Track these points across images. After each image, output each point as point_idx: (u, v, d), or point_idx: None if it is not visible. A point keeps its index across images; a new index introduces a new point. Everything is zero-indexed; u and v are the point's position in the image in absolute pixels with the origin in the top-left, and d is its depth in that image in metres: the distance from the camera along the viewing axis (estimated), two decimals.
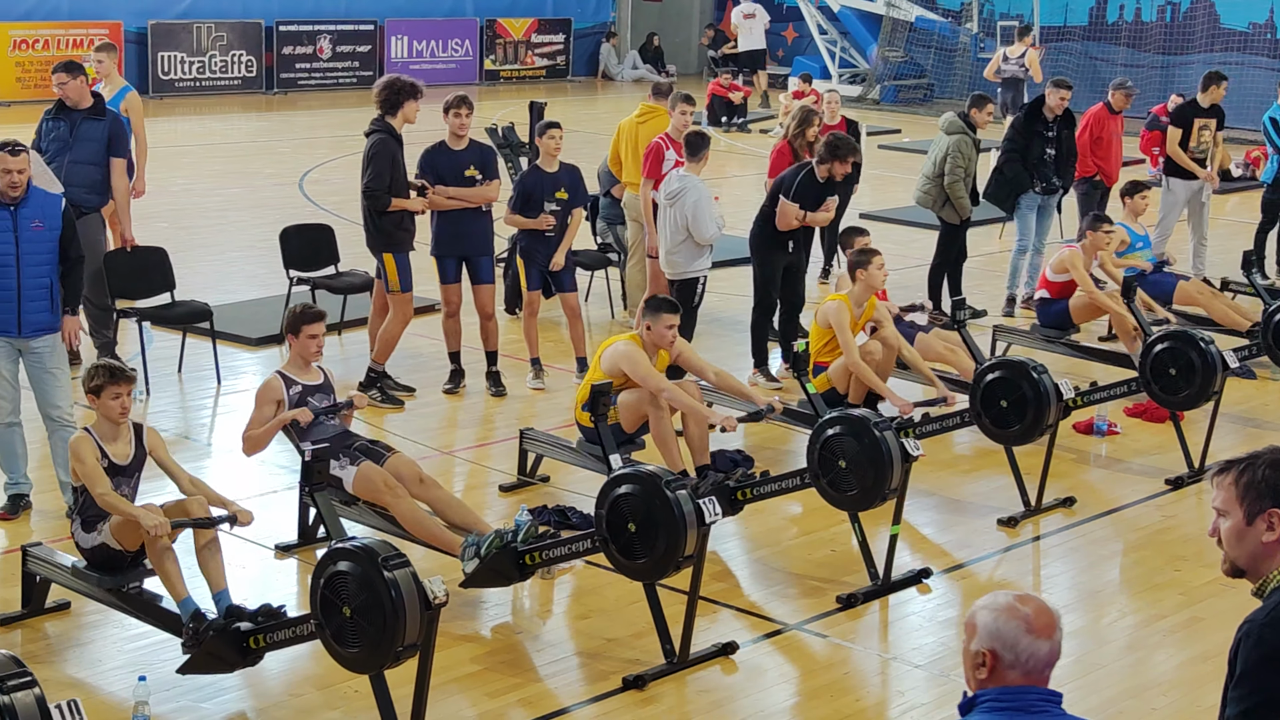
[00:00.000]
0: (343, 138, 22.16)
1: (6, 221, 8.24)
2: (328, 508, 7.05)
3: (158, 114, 25.10)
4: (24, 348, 8.39)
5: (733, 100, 26.22)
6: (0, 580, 7.69)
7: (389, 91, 10.48)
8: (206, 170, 20.01)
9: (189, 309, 11.23)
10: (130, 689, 6.49)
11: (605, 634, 7.43)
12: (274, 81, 28.02)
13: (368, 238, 10.68)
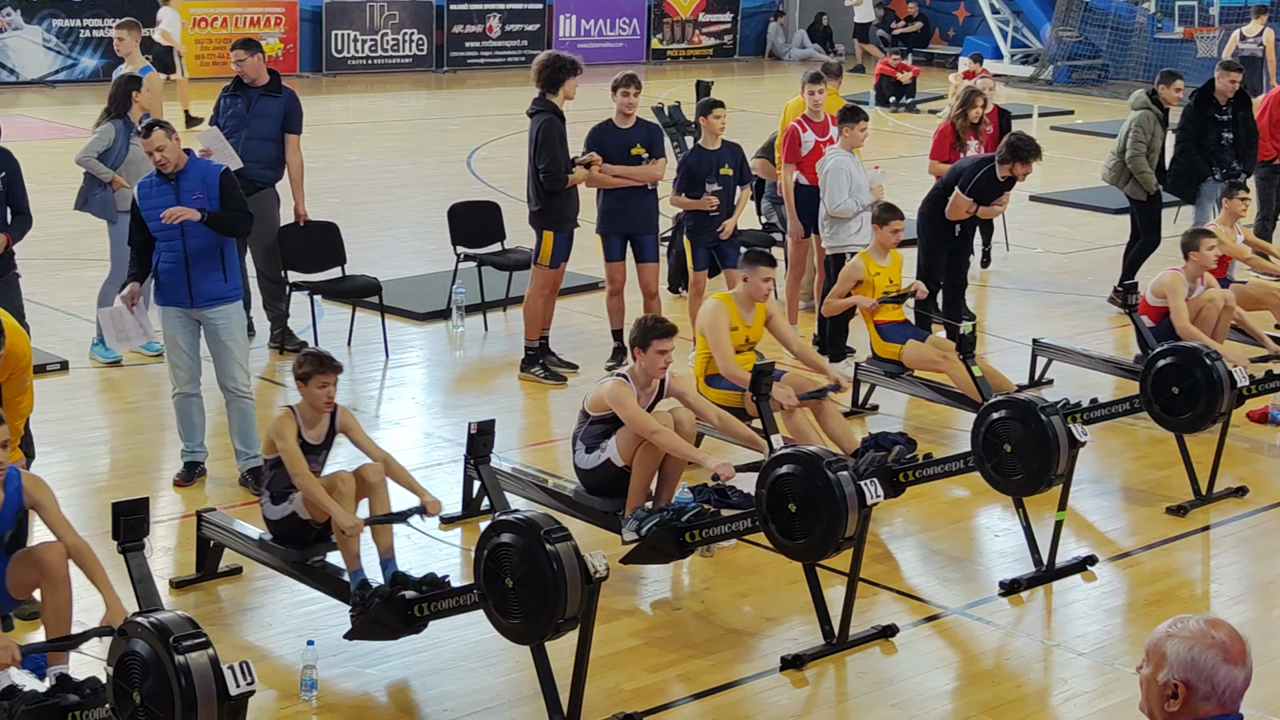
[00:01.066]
0: (511, 116, 22.34)
1: (169, 194, 8.45)
2: (492, 480, 7.13)
3: (330, 91, 25.58)
4: (201, 319, 8.59)
5: (900, 80, 25.97)
6: (176, 544, 7.91)
7: (549, 69, 10.56)
8: (377, 147, 20.32)
9: (359, 283, 11.42)
10: (299, 653, 6.64)
11: (764, 613, 7.43)
12: (444, 60, 28.34)
13: (531, 215, 10.78)
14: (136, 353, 10.93)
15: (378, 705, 6.54)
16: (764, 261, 8.85)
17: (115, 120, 10.60)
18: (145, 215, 8.45)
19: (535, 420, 10.26)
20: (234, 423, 8.69)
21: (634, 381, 7.79)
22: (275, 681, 6.49)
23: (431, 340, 11.90)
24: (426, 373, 11.14)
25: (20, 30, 24.04)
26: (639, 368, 7.82)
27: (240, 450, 8.69)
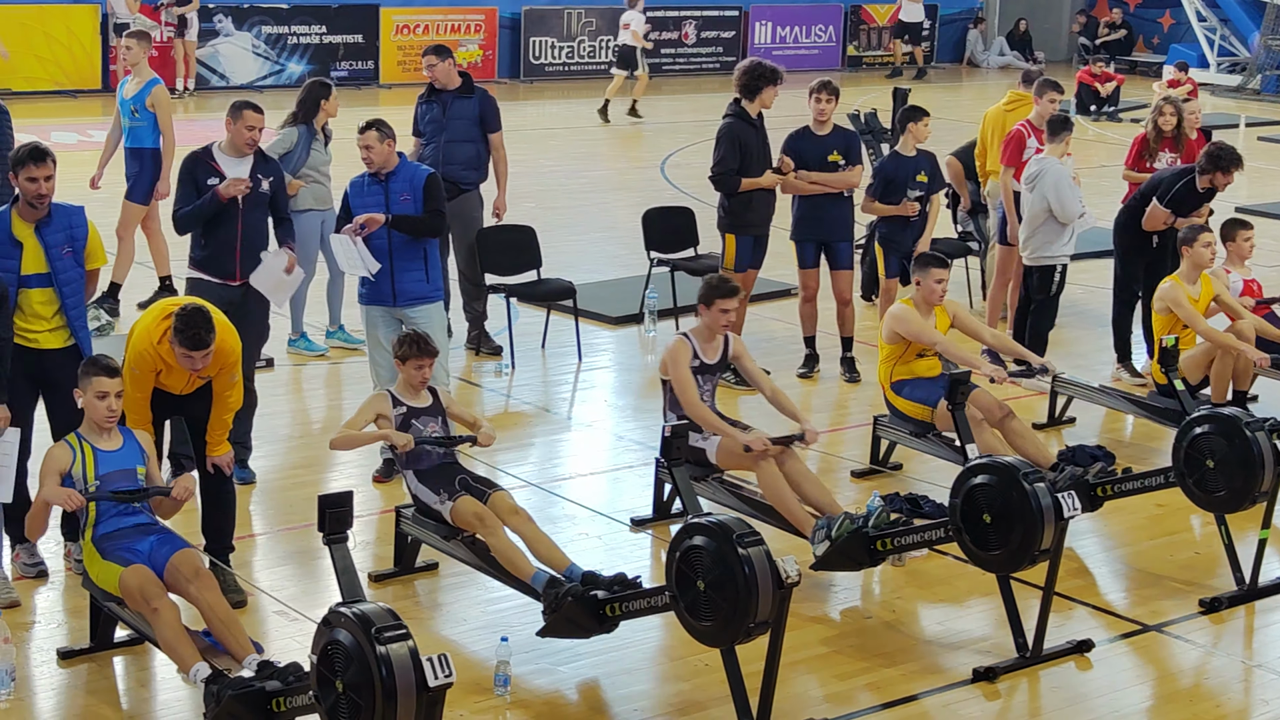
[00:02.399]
0: (705, 122, 22.35)
1: (379, 194, 8.66)
2: (685, 483, 7.17)
3: (528, 98, 25.90)
4: (402, 317, 8.77)
5: (1100, 90, 25.52)
6: (375, 539, 8.08)
7: (749, 76, 10.59)
8: (573, 152, 20.54)
9: (554, 286, 11.55)
10: (492, 648, 6.75)
11: (955, 624, 7.37)
12: (640, 65, 28.48)
13: (717, 219, 10.84)
14: (339, 347, 11.22)
15: (568, 703, 6.62)
16: (935, 264, 8.82)
17: (300, 125, 10.85)
18: (352, 211, 8.67)
19: None
20: None
21: (696, 338, 8.04)
22: (468, 676, 6.60)
23: (624, 344, 11.99)
24: (618, 376, 11.23)
25: (231, 36, 24.74)
26: (703, 324, 8.09)
27: None
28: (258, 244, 8.63)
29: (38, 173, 7.22)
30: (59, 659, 6.73)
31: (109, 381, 6.59)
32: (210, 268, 8.56)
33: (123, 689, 6.62)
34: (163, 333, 6.93)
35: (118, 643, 6.81)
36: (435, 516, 7.37)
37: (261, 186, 8.59)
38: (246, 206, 8.52)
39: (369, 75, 25.64)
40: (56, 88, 22.91)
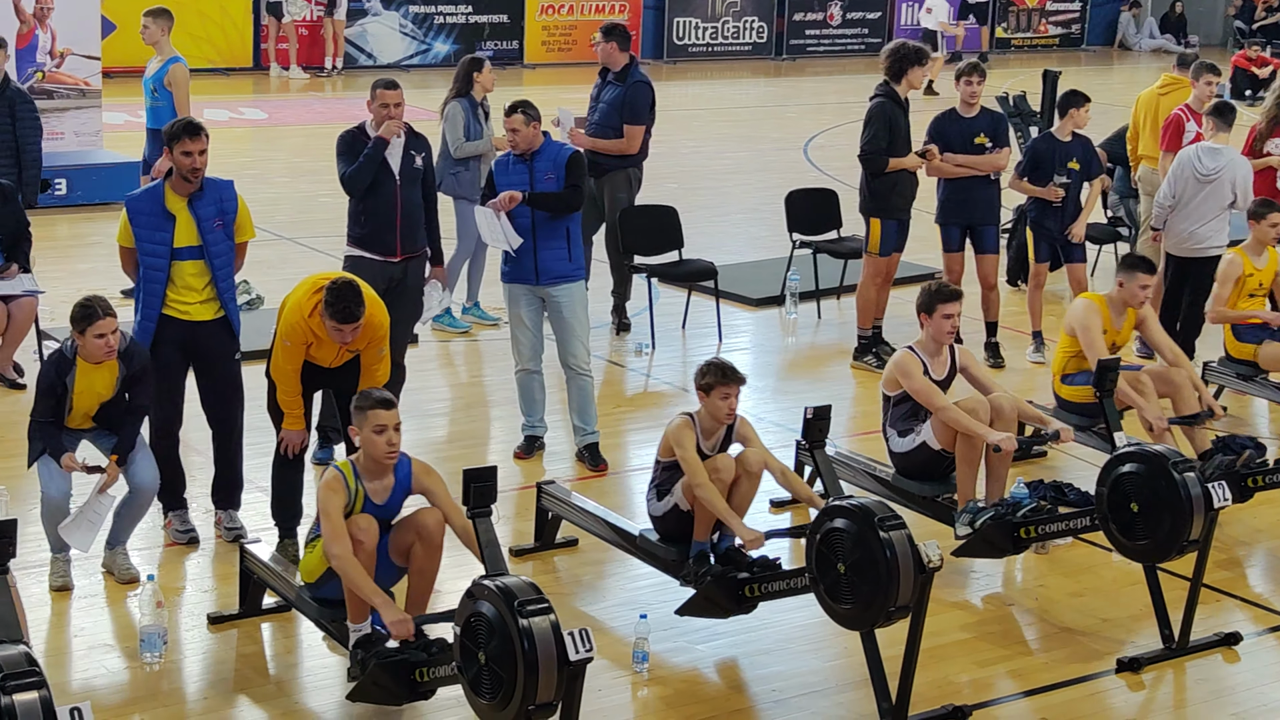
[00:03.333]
0: (850, 104, 22.24)
1: (523, 173, 8.71)
2: (827, 465, 7.14)
3: (671, 78, 25.90)
4: (545, 296, 8.82)
5: (1257, 74, 24.95)
6: (516, 514, 8.15)
7: (895, 57, 10.51)
8: (715, 133, 20.52)
9: (695, 267, 11.56)
10: (631, 625, 6.78)
11: (1099, 613, 7.27)
12: (784, 47, 28.42)
13: (860, 201, 10.77)
14: (479, 324, 11.33)
15: (707, 681, 6.64)
16: (1143, 268, 8.60)
17: (460, 99, 10.96)
18: (498, 190, 8.75)
19: (865, 409, 10.20)
20: (573, 399, 8.90)
21: (923, 352, 7.78)
22: (608, 652, 6.63)
23: (764, 326, 11.97)
24: (757, 358, 11.21)
25: (378, 16, 25.04)
26: (926, 336, 7.82)
27: (579, 426, 8.91)
28: (416, 219, 8.72)
29: (192, 146, 7.36)
30: (209, 624, 6.88)
31: (385, 414, 6.23)
32: (370, 245, 8.66)
33: (270, 655, 6.75)
34: (314, 306, 7.04)
35: (265, 609, 6.95)
36: None
37: (415, 162, 8.68)
38: (404, 183, 8.62)
39: (514, 55, 25.81)
40: (209, 65, 23.33)
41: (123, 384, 7.15)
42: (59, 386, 7.04)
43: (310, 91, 22.98)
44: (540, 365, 8.94)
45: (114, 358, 7.04)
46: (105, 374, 7.10)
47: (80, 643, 6.71)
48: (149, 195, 7.49)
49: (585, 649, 5.36)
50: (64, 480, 7.03)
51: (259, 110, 21.00)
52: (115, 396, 7.18)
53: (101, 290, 11.37)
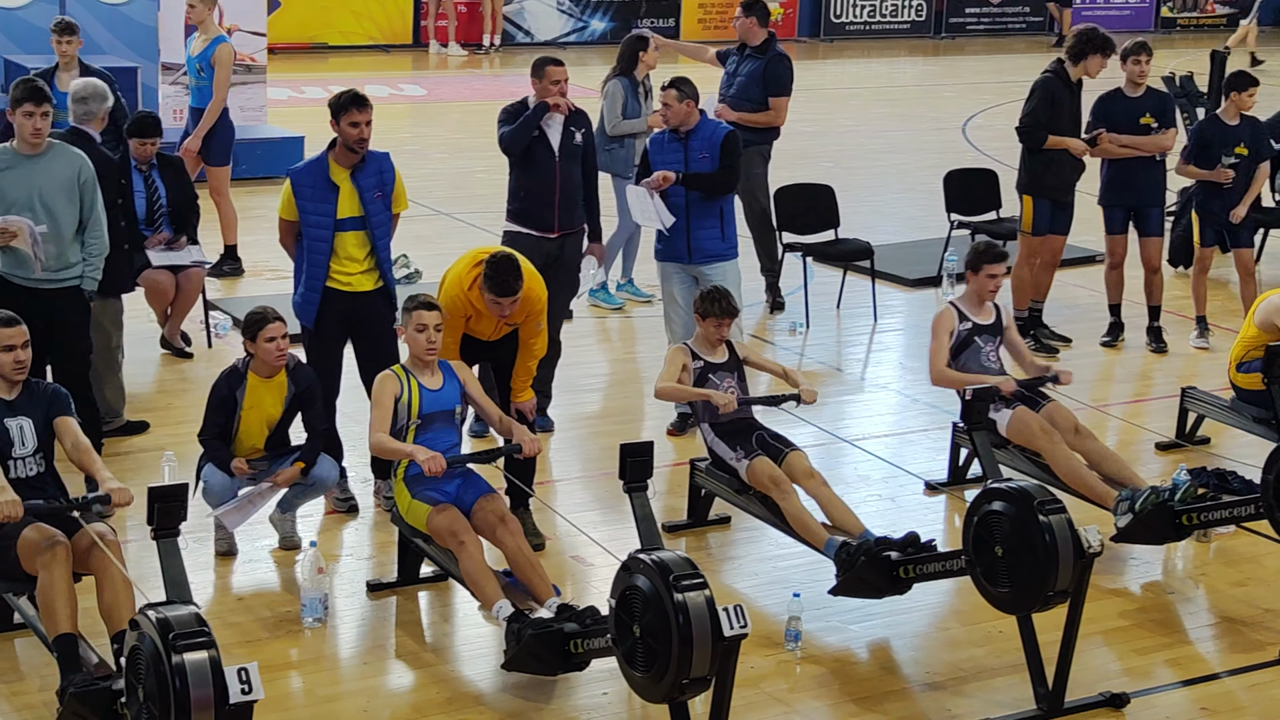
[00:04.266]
0: (1009, 84, 21.94)
1: (678, 151, 8.72)
2: (985, 448, 7.07)
3: (828, 56, 25.74)
4: (698, 274, 8.83)
5: None
6: (668, 490, 8.17)
7: (1081, 39, 10.37)
8: (871, 113, 20.35)
9: (851, 247, 11.49)
10: (783, 604, 6.78)
11: (1262, 603, 7.12)
12: (943, 26, 28.08)
13: (1017, 178, 10.64)
14: (633, 300, 11.37)
15: (858, 661, 6.62)
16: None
17: (620, 78, 10.97)
18: (652, 168, 8.76)
19: None
20: None
21: (964, 304, 7.99)
22: (760, 629, 6.63)
23: (920, 306, 11.86)
24: (913, 338, 11.11)
25: None
26: (970, 290, 8.02)
27: None
28: (575, 196, 8.77)
29: (359, 117, 7.46)
30: (368, 591, 7.00)
31: (428, 314, 6.77)
32: (528, 220, 8.72)
33: (427, 623, 6.85)
34: (473, 279, 7.12)
35: (423, 578, 7.05)
36: (730, 472, 7.41)
37: (575, 139, 8.72)
38: (563, 159, 8.66)
39: (670, 32, 25.75)
40: (370, 42, 23.64)
41: (291, 403, 7.29)
42: (230, 401, 7.18)
43: (468, 69, 23.17)
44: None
45: (284, 362, 7.17)
46: (274, 391, 7.24)
47: (243, 606, 6.86)
48: (313, 167, 7.61)
49: (740, 625, 5.37)
50: (229, 478, 7.18)
51: (418, 87, 21.23)
52: (283, 419, 7.32)
53: (263, 261, 11.68)
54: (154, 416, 8.86)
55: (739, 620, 5.36)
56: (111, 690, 5.37)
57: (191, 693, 4.79)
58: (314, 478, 7.29)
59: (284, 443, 7.37)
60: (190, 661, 4.83)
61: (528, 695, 6.18)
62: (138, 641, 5.01)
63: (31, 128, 7.40)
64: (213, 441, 7.18)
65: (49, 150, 7.53)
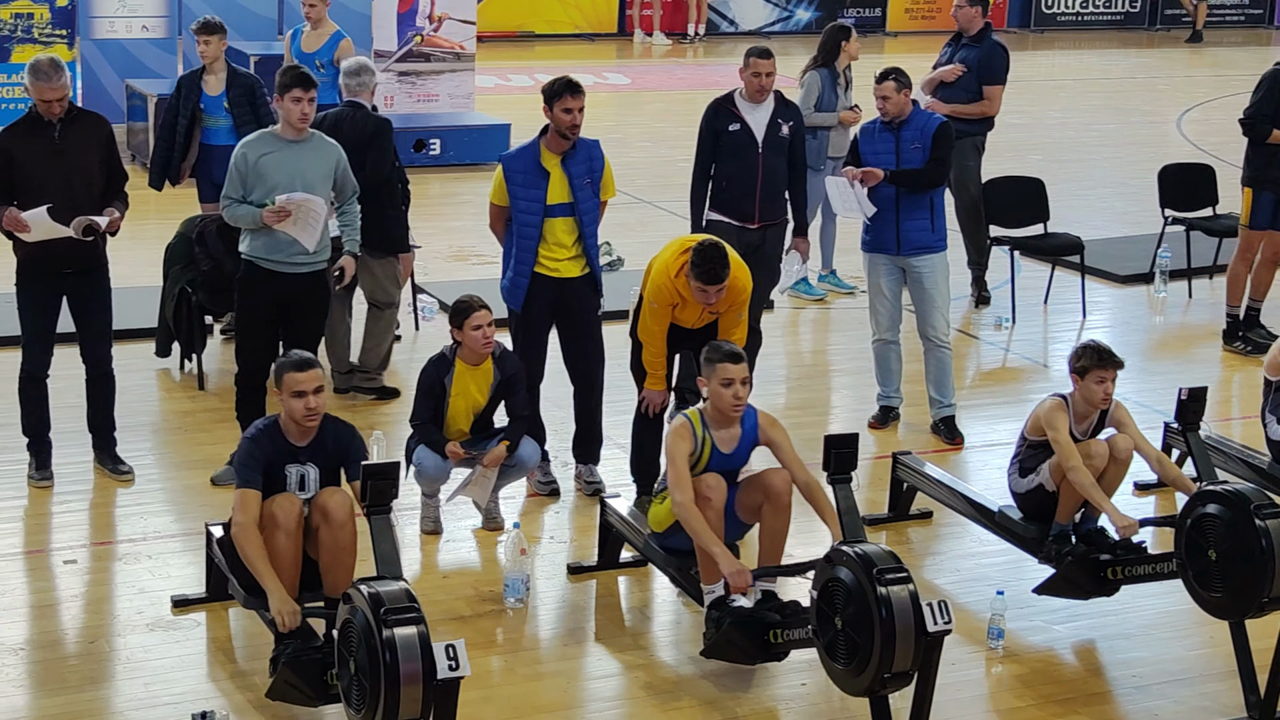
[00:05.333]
0: (1226, 77, 21.42)
1: (889, 141, 8.63)
2: (1200, 449, 6.90)
3: (1037, 48, 25.32)
4: (906, 266, 8.74)
5: None
6: (869, 484, 8.12)
7: None
8: (1082, 105, 19.96)
9: (1061, 241, 11.28)
10: (985, 601, 6.70)
11: None
12: (1157, 18, 27.45)
13: (1242, 172, 10.35)
14: (835, 291, 11.30)
15: (1064, 662, 6.51)
16: None
17: (820, 69, 10.90)
18: (861, 159, 8.70)
19: (1234, 394, 9.84)
20: (931, 371, 8.81)
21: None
22: (962, 626, 6.51)
23: (1130, 303, 11.62)
24: (1122, 336, 10.87)
25: None
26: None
27: (935, 399, 8.81)
28: (777, 188, 8.75)
29: (572, 104, 7.53)
30: (568, 573, 7.07)
31: (734, 369, 6.24)
32: (729, 210, 8.72)
33: (626, 608, 6.90)
34: (680, 267, 7.14)
35: (623, 563, 7.10)
36: None
37: (781, 131, 8.70)
38: (767, 151, 8.65)
39: (876, 23, 25.58)
40: (575, 31, 23.85)
41: (496, 390, 7.38)
42: (438, 387, 7.30)
43: (672, 58, 23.25)
44: (898, 335, 8.88)
45: (491, 350, 7.27)
46: (481, 378, 7.34)
47: (447, 584, 6.97)
48: (525, 153, 7.69)
49: (944, 620, 5.32)
50: (442, 460, 7.30)
51: (622, 75, 21.36)
52: (489, 405, 7.41)
53: (470, 246, 11.85)
54: (362, 395, 9.07)
55: (943, 616, 5.31)
56: (323, 661, 5.50)
57: (401, 667, 4.90)
58: (518, 459, 7.39)
59: (488, 428, 7.48)
60: (400, 636, 4.93)
61: (725, 684, 6.19)
62: (350, 615, 5.14)
63: (299, 113, 7.59)
64: (425, 425, 7.31)
65: (310, 138, 7.72)
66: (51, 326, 7.76)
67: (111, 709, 5.91)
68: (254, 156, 7.61)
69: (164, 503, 7.65)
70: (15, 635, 6.35)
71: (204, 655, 6.32)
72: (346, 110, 8.90)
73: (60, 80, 7.36)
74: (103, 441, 7.89)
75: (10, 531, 7.37)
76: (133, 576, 6.95)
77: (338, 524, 5.96)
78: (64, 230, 7.33)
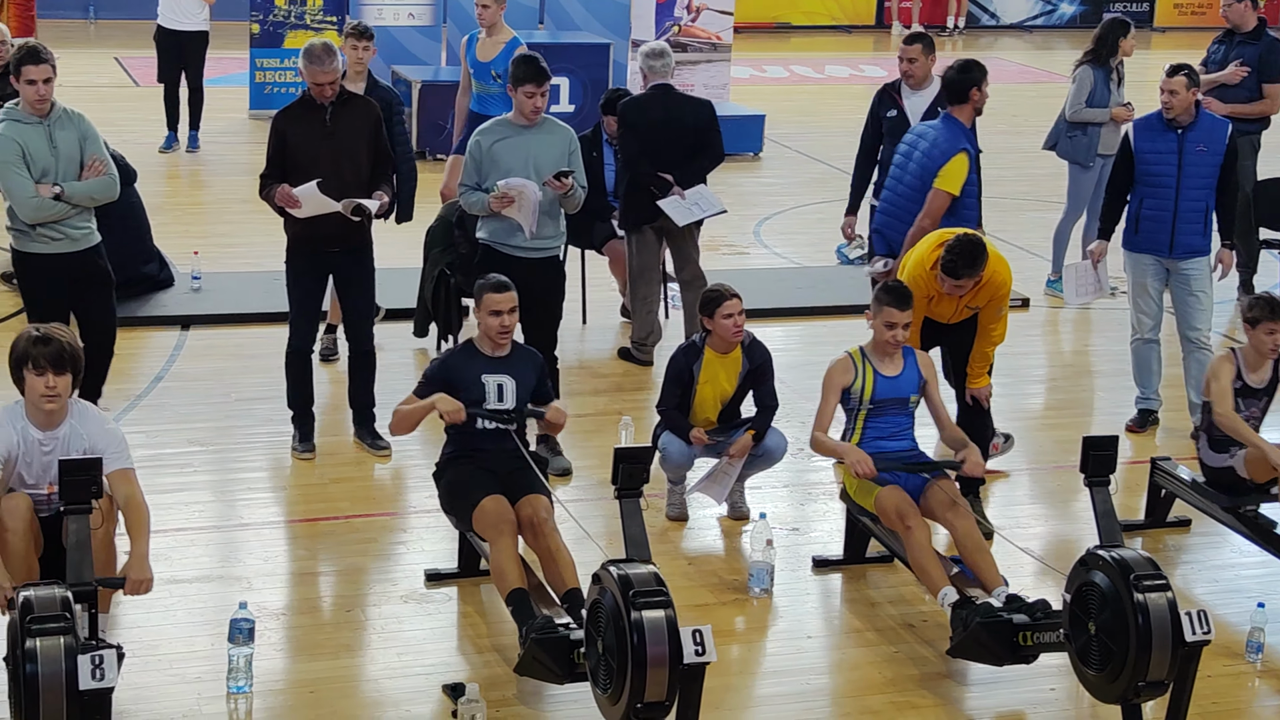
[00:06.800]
0: None
1: (1172, 143, 8.39)
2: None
3: None
4: (1172, 268, 8.52)
5: None
6: (1125, 489, 7.90)
7: None
8: None
9: None
10: (1244, 614, 6.49)
11: None
12: None
13: None
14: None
15: None
16: None
17: (1093, 64, 10.64)
18: (1136, 156, 8.46)
19: None
20: (1191, 374, 8.56)
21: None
22: (1218, 638, 6.26)
23: None
24: None
25: None
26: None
27: (1195, 403, 8.55)
28: None
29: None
30: (813, 566, 7.05)
31: (898, 314, 6.70)
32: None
33: (870, 603, 6.85)
34: (935, 260, 7.06)
35: (868, 558, 7.05)
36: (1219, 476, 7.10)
37: None
38: None
39: (1144, 18, 24.90)
40: (832, 23, 23.72)
41: (745, 379, 7.40)
42: (686, 374, 7.34)
43: None
44: (1159, 336, 8.66)
45: (740, 338, 7.29)
46: (729, 367, 7.36)
47: (692, 570, 7.01)
48: None
49: (1202, 631, 5.18)
50: (687, 447, 7.35)
51: (878, 68, 21.15)
52: (737, 393, 7.42)
53: (720, 236, 11.87)
54: (609, 381, 9.17)
55: (1203, 626, 5.17)
56: (570, 639, 5.58)
57: (648, 649, 4.94)
58: (764, 449, 7.39)
59: (735, 416, 7.49)
60: (649, 619, 4.98)
61: (970, 683, 6.11)
62: (599, 595, 5.20)
63: (532, 106, 7.71)
64: (671, 412, 7.36)
65: (542, 124, 7.84)
66: (318, 304, 8.03)
67: (365, 676, 6.09)
68: (488, 143, 7.75)
69: (418, 479, 7.84)
70: (276, 601, 6.57)
71: (454, 629, 6.47)
72: (658, 92, 9.23)
73: (332, 64, 7.60)
74: (362, 417, 8.12)
75: (273, 501, 7.64)
76: (387, 549, 7.15)
77: (545, 533, 6.23)
78: (333, 205, 7.57)
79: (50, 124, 7.37)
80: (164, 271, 10.23)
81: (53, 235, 7.41)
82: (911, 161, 8.06)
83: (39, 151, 7.34)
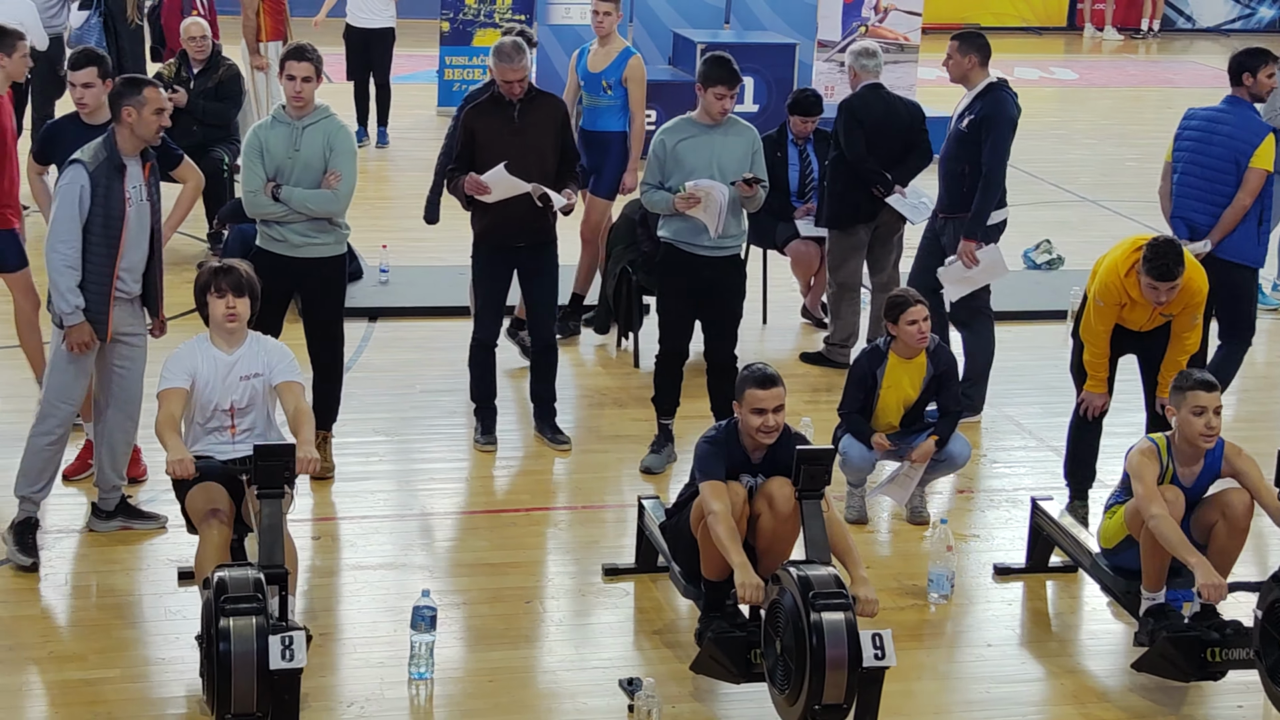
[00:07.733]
0: None
1: None
2: None
3: None
4: None
5: None
6: None
7: None
8: None
9: None
10: None
11: None
12: None
13: None
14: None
15: None
16: None
17: None
18: None
19: None
20: None
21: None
22: None
23: None
24: None
25: None
26: None
27: None
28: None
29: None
30: (994, 574, 6.96)
31: (1206, 396, 6.05)
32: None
33: (1053, 612, 6.75)
34: (1130, 265, 6.90)
35: (1051, 567, 6.94)
36: None
37: (961, 123, 8.56)
38: None
39: None
40: (1023, 24, 23.36)
41: (929, 384, 7.32)
42: (869, 379, 7.28)
43: (1123, 54, 22.51)
44: None
45: (925, 344, 7.22)
46: (913, 372, 7.29)
47: (870, 574, 6.82)
48: None
49: None
50: (868, 451, 7.30)
51: (1069, 70, 20.82)
52: (920, 399, 7.34)
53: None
54: (790, 382, 9.09)
55: None
56: (748, 640, 5.57)
57: (828, 651, 4.92)
58: (947, 454, 7.31)
59: (917, 421, 7.42)
60: (828, 621, 4.96)
61: (1155, 697, 5.98)
62: (778, 596, 5.18)
63: (721, 108, 7.68)
64: (853, 415, 7.31)
65: (727, 123, 7.81)
66: (502, 297, 8.10)
67: (543, 667, 6.14)
68: (672, 142, 7.74)
69: (596, 475, 7.88)
70: (457, 590, 6.66)
71: (631, 624, 6.50)
72: (872, 91, 9.27)
73: (521, 62, 7.67)
74: (543, 411, 8.18)
75: (455, 492, 7.74)
76: (566, 543, 7.20)
77: (782, 516, 5.89)
78: (523, 186, 7.62)
79: (301, 126, 7.38)
80: (353, 264, 10.42)
81: (274, 235, 7.51)
82: (1213, 145, 8.05)
83: (278, 151, 7.37)
